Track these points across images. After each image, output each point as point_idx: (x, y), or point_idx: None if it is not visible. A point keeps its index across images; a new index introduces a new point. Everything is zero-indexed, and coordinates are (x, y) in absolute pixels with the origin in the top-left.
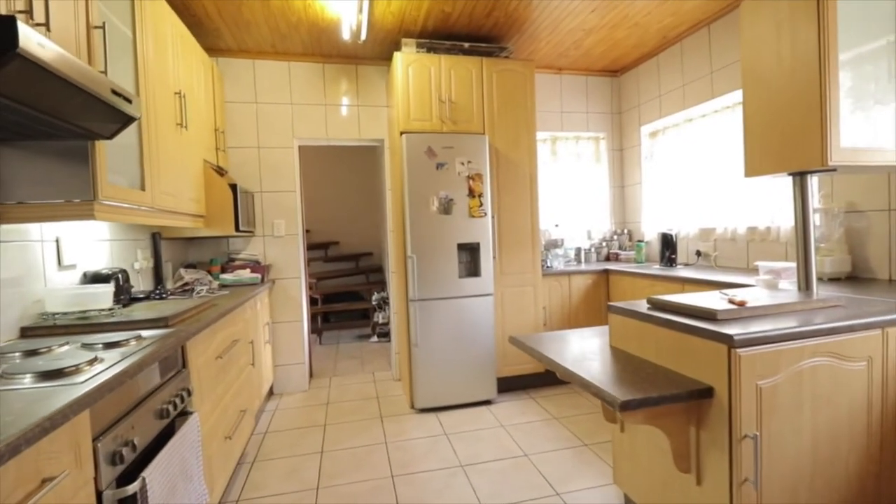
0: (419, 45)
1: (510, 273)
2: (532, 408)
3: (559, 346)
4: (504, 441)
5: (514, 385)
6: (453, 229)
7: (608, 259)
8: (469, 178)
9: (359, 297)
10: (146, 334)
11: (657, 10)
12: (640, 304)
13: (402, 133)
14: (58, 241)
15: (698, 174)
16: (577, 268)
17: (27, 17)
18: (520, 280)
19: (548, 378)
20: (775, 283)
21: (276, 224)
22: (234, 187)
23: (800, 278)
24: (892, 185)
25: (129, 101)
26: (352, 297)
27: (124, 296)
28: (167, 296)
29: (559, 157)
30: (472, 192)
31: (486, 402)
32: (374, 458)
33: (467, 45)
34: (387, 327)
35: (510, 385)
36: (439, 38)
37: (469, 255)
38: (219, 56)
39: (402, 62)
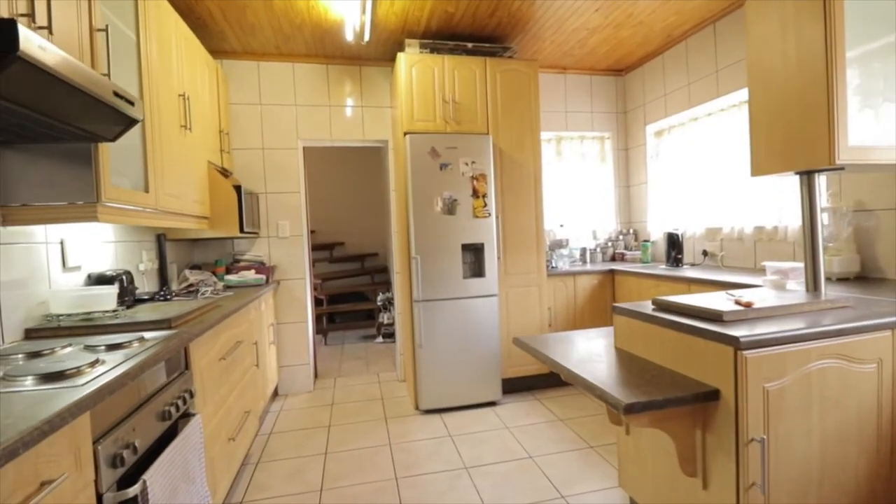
0: (422, 46)
1: (515, 273)
2: (537, 409)
3: (563, 347)
4: (509, 443)
5: (519, 386)
6: (457, 230)
7: (614, 259)
8: (473, 178)
9: (364, 298)
10: (149, 336)
11: (661, 8)
12: (645, 306)
13: (405, 133)
14: (62, 243)
15: (704, 173)
16: (583, 268)
17: (29, 20)
18: (524, 280)
19: (553, 379)
20: (783, 283)
21: (280, 225)
22: (238, 188)
23: (808, 279)
24: None
25: (131, 103)
26: (357, 298)
27: (128, 297)
28: (172, 297)
29: (564, 156)
30: (475, 193)
31: (491, 404)
32: (378, 460)
33: (471, 45)
34: (392, 328)
35: (515, 386)
36: (443, 39)
37: (473, 256)
38: (223, 58)
39: (406, 63)
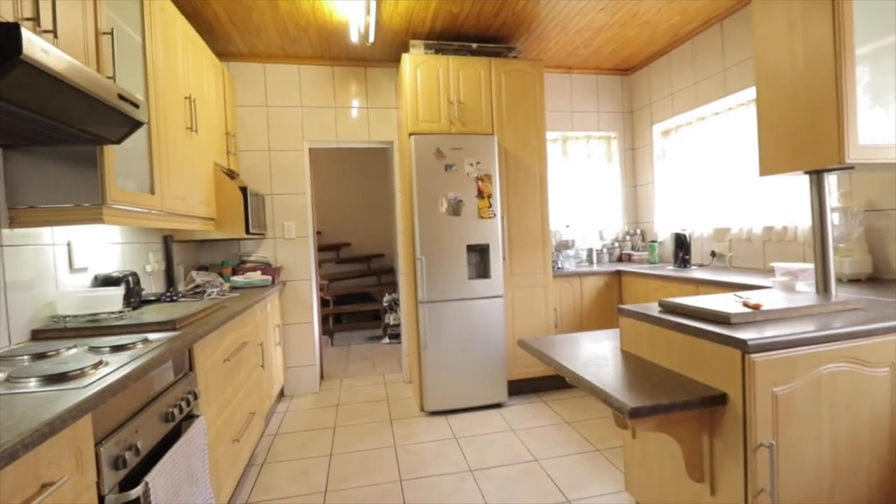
0: (427, 47)
1: (520, 274)
2: (543, 411)
3: (569, 349)
4: (514, 445)
5: (525, 388)
6: (462, 231)
7: (621, 260)
8: (478, 179)
9: (370, 299)
10: (153, 337)
11: (666, 7)
12: (651, 308)
13: (410, 134)
14: (69, 245)
15: (712, 173)
16: (589, 269)
17: (34, 24)
18: (530, 281)
19: (560, 381)
20: (792, 284)
21: (286, 226)
22: (244, 190)
23: (818, 280)
24: None
25: (136, 105)
26: (363, 299)
27: (134, 298)
28: (178, 298)
29: (570, 156)
30: (481, 193)
31: (497, 406)
32: (383, 462)
33: (475, 45)
34: (398, 329)
35: (521, 388)
36: (447, 39)
37: (478, 257)
38: (230, 60)
39: (411, 63)
